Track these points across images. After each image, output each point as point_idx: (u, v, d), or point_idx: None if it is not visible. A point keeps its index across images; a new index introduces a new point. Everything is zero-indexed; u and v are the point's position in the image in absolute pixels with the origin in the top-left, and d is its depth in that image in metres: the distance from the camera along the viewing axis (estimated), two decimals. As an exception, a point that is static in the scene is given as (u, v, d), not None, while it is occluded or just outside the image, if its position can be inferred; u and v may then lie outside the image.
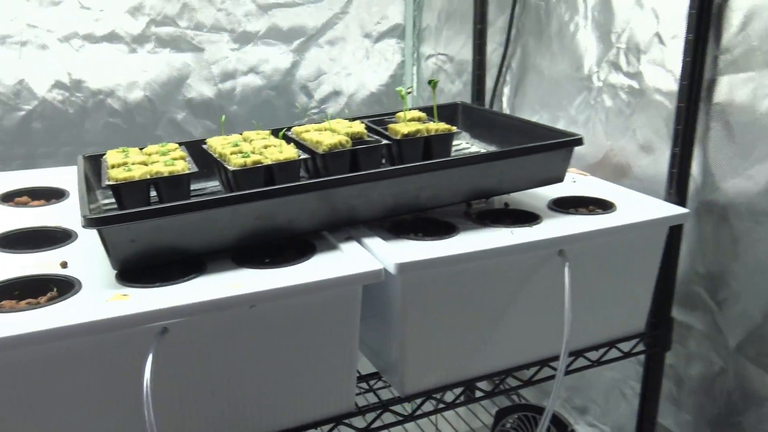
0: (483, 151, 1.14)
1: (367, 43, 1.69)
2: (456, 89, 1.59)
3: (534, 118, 1.34)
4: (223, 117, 1.01)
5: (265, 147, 0.92)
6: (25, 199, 1.00)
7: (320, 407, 0.80)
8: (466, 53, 1.49)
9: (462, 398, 0.91)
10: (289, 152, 0.89)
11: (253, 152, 0.90)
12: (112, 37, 1.43)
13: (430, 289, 0.81)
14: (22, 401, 0.64)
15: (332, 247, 0.82)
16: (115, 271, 0.74)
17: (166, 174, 0.82)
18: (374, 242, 0.81)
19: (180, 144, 0.98)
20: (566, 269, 0.85)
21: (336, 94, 1.69)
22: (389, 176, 0.84)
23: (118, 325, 0.64)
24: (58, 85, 1.40)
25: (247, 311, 0.70)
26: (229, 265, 0.77)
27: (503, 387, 0.97)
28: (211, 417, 0.74)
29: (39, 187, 1.05)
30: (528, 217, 0.95)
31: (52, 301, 0.69)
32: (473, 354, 0.89)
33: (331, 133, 0.96)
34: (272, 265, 0.77)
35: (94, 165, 0.97)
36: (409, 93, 1.03)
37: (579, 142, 0.96)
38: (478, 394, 0.95)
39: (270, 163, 0.86)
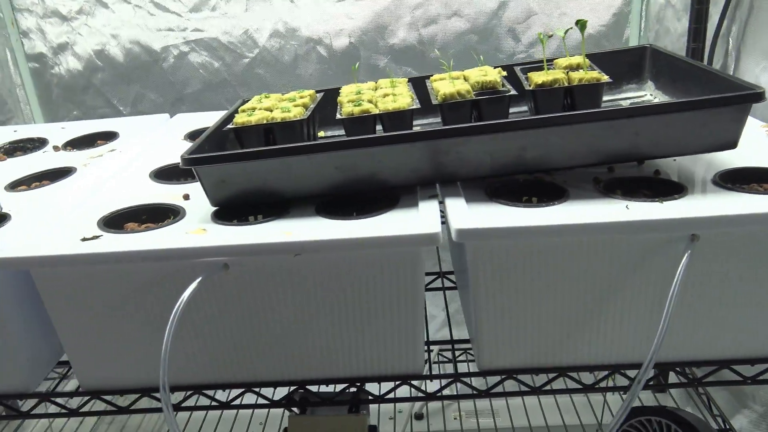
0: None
1: (586, -23, 1.50)
2: (681, 29, 1.33)
3: (761, 65, 1.06)
4: (356, 65, 1.01)
5: (384, 96, 0.91)
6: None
7: (386, 364, 0.79)
8: (697, -15, 1.23)
9: (552, 386, 0.81)
10: (402, 102, 0.86)
11: (370, 101, 0.89)
12: (322, -13, 1.52)
13: (503, 259, 0.72)
14: (105, 306, 0.76)
15: (412, 204, 0.78)
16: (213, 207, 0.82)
17: (279, 120, 0.87)
18: (454, 203, 0.75)
19: (319, 91, 1.02)
20: (685, 259, 0.68)
21: (546, 37, 1.55)
22: (475, 132, 0.76)
23: (184, 255, 0.71)
24: (275, 34, 1.55)
25: (298, 260, 0.72)
26: (310, 213, 0.79)
27: (607, 384, 0.82)
28: (276, 354, 0.79)
29: (226, 126, 1.20)
30: (672, 191, 0.78)
31: (159, 226, 0.79)
32: (568, 340, 0.77)
33: (453, 82, 0.90)
34: (343, 216, 0.77)
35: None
36: (549, 36, 0.90)
37: (758, 97, 0.74)
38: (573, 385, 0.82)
39: (377, 112, 0.85)
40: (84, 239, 0.75)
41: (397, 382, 0.80)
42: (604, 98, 0.89)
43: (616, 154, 0.79)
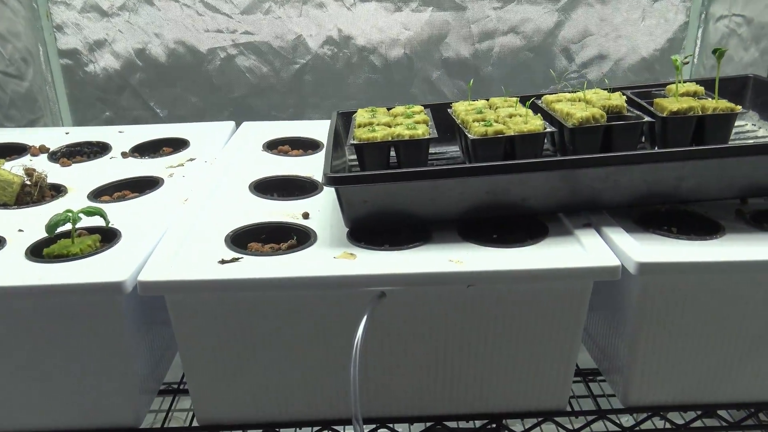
0: (773, 137, 0.94)
1: (644, 1, 1.50)
2: (749, 58, 1.34)
3: None
4: (471, 82, 0.97)
5: (510, 116, 0.87)
6: (286, 148, 1.10)
7: (530, 399, 0.75)
8: (770, 14, 1.24)
9: (698, 423, 0.78)
10: (534, 124, 0.82)
11: (496, 121, 0.85)
12: (380, -4, 1.48)
13: (674, 295, 0.70)
14: (247, 336, 0.70)
15: (567, 232, 0.75)
16: (346, 229, 0.77)
17: (406, 137, 0.82)
18: (616, 233, 0.72)
19: (426, 106, 0.98)
20: None
21: (601, 58, 1.54)
22: (645, 161, 0.73)
23: (342, 284, 0.66)
24: (329, 41, 1.50)
25: (465, 290, 0.68)
26: (454, 237, 0.75)
27: (753, 422, 0.81)
28: (415, 389, 0.74)
29: (300, 137, 1.14)
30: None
31: (290, 249, 0.74)
32: (719, 376, 0.75)
33: (584, 105, 0.87)
34: (498, 243, 0.73)
35: (346, 121, 1.01)
36: (686, 63, 0.88)
37: None
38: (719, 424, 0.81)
39: (512, 134, 0.81)
40: (223, 261, 0.69)
41: (540, 419, 0.76)
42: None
43: (764, 187, 0.77)
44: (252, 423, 0.75)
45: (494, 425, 0.76)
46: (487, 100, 0.97)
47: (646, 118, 0.84)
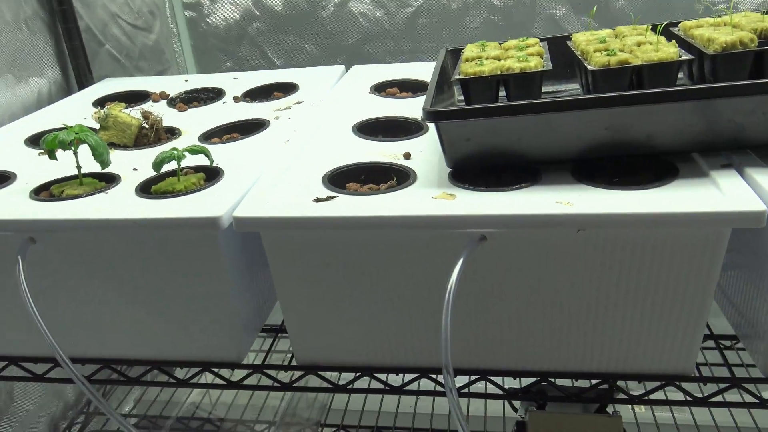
0: None
1: None
2: None
3: None
4: (594, 9, 0.87)
5: (639, 44, 0.77)
6: (394, 90, 1.06)
7: (651, 361, 0.68)
8: None
9: None
10: (667, 51, 0.72)
11: (621, 50, 0.76)
12: (500, -73, 1.37)
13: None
14: (343, 275, 0.68)
15: (701, 174, 0.65)
16: (449, 169, 0.72)
17: (516, 71, 0.75)
18: (762, 175, 0.62)
19: (542, 39, 0.89)
20: None
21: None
22: (802, 88, 0.61)
23: (438, 224, 0.62)
24: (444, -20, 1.42)
25: (575, 235, 0.61)
26: (568, 179, 0.68)
27: None
28: (518, 339, 0.69)
29: (409, 79, 1.10)
30: None
31: (389, 189, 0.70)
32: None
33: (730, 29, 0.75)
34: (618, 186, 0.65)
35: (455, 59, 0.95)
36: None
37: None
38: None
39: (639, 63, 0.71)
40: (318, 200, 0.67)
41: (661, 383, 0.68)
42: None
43: None
44: (348, 365, 0.74)
45: (607, 386, 0.70)
46: (613, 29, 0.86)
47: (809, 41, 0.70)
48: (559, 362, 0.70)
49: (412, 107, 0.96)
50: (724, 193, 0.60)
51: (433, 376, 0.72)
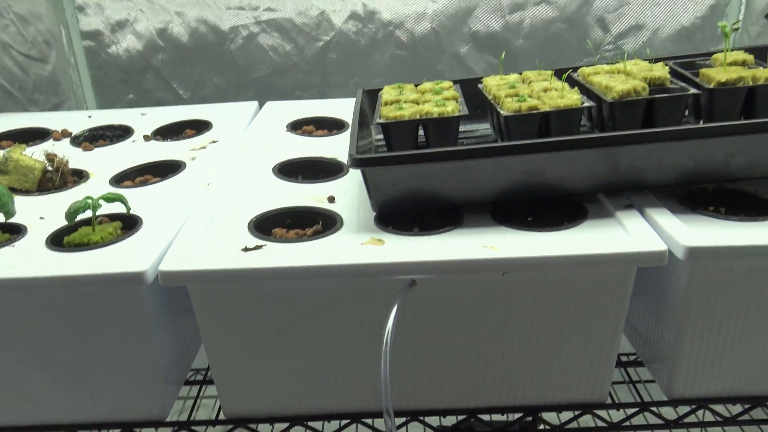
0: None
1: (685, -35, 1.43)
2: (800, 24, 1.26)
3: None
4: (503, 55, 0.92)
5: (545, 90, 0.82)
6: (310, 128, 1.06)
7: (568, 391, 0.72)
8: (824, -23, 1.16)
9: (745, 417, 0.74)
10: (571, 98, 0.78)
11: (530, 96, 0.81)
12: (405, -33, 1.42)
13: (724, 282, 0.65)
14: (272, 325, 0.67)
15: (607, 214, 0.70)
16: (374, 213, 0.73)
17: (435, 115, 0.78)
18: (661, 215, 0.68)
19: (455, 82, 0.93)
20: None
21: (637, 28, 1.47)
22: (693, 136, 0.68)
23: (370, 272, 0.63)
24: (353, 16, 1.45)
25: (500, 277, 0.64)
26: (487, 221, 0.71)
27: None
28: (446, 381, 0.71)
29: (325, 117, 1.11)
30: None
31: (316, 235, 0.71)
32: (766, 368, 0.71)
33: (624, 78, 0.82)
34: (534, 227, 0.69)
35: (372, 99, 0.97)
36: (735, 29, 0.82)
37: None
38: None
39: (547, 109, 0.76)
40: (246, 249, 0.67)
41: (578, 412, 0.73)
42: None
43: None
44: (279, 416, 0.73)
45: (530, 418, 0.73)
46: (520, 74, 0.92)
47: (692, 90, 0.78)
48: (486, 398, 0.73)
49: (330, 146, 0.97)
50: (630, 233, 0.65)
51: (367, 421, 0.73)
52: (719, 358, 0.70)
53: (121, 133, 1.08)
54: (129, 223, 0.74)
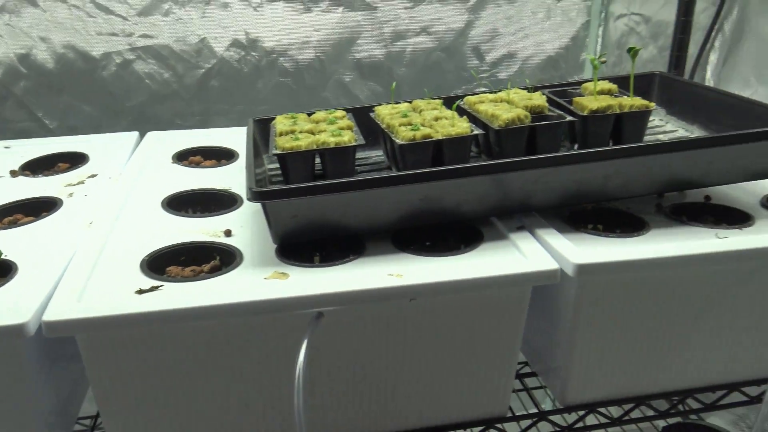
0: (683, 132, 0.98)
1: (549, 1, 1.54)
2: (648, 55, 1.40)
3: (747, 93, 1.14)
4: (394, 85, 0.94)
5: (436, 119, 0.85)
6: (197, 158, 1.03)
7: (471, 408, 0.74)
8: (666, 13, 1.30)
9: (631, 416, 0.80)
10: (461, 127, 0.81)
11: (423, 124, 0.83)
12: (288, -4, 1.42)
13: (610, 294, 0.70)
14: (172, 370, 0.64)
15: (501, 236, 0.74)
16: (274, 245, 0.72)
17: (332, 145, 0.78)
18: (550, 235, 0.72)
19: (347, 110, 0.94)
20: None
21: (510, 57, 1.57)
22: (574, 161, 0.73)
23: (276, 308, 0.61)
24: (235, 43, 1.43)
25: (406, 303, 0.65)
26: (389, 248, 0.72)
27: (682, 408, 0.84)
28: (358, 408, 0.71)
29: (212, 146, 1.08)
30: (735, 217, 0.80)
31: (214, 272, 0.68)
32: (650, 368, 0.77)
33: (507, 106, 0.86)
34: (434, 252, 0.71)
35: (263, 129, 0.96)
36: (603, 62, 0.90)
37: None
38: (651, 413, 0.83)
39: (440, 137, 0.79)
40: (141, 291, 0.63)
41: (482, 427, 0.75)
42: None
43: (686, 181, 0.80)
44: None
45: (437, 438, 0.74)
46: (410, 102, 0.95)
47: (569, 118, 0.84)
48: (397, 422, 0.73)
49: (221, 177, 0.94)
50: (524, 254, 0.69)
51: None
52: (607, 364, 0.75)
53: (-17, 168, 0.99)
54: (2, 270, 0.67)
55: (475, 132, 0.81)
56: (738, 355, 0.79)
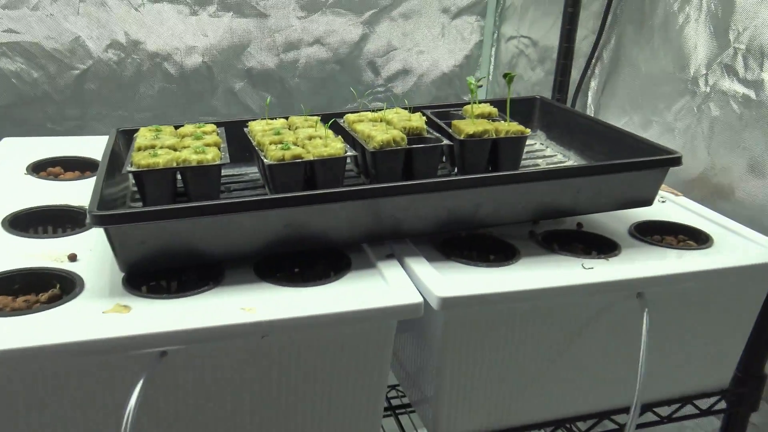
0: (561, 157, 1.00)
1: (444, 18, 1.55)
2: (536, 77, 1.43)
3: (622, 120, 1.18)
4: (268, 99, 0.90)
5: (310, 138, 0.81)
6: (57, 170, 0.94)
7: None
8: (553, 38, 1.33)
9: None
10: (335, 147, 0.78)
11: (295, 143, 0.80)
12: (173, -3, 1.35)
13: (478, 326, 0.69)
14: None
15: (369, 265, 0.71)
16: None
17: (194, 163, 0.73)
18: (418, 265, 0.70)
19: (219, 124, 0.89)
20: (645, 316, 0.71)
21: (405, 72, 1.56)
22: (443, 188, 0.72)
23: (110, 349, 0.55)
24: (115, 45, 1.34)
25: (259, 340, 0.60)
26: (250, 277, 0.68)
27: None
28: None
29: (77, 157, 0.99)
30: (604, 245, 0.81)
31: (49, 303, 0.61)
32: (521, 399, 0.77)
33: (384, 127, 0.84)
34: (297, 282, 0.67)
35: (128, 140, 0.89)
36: (480, 86, 0.89)
37: (677, 161, 0.81)
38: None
39: (311, 158, 0.76)
40: (-48, 329, 0.55)
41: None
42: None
43: (557, 209, 0.80)
44: None
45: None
46: (287, 118, 0.91)
47: (445, 141, 0.83)
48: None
49: (81, 192, 0.86)
50: (389, 285, 0.66)
51: None
52: (477, 395, 0.74)
53: None
54: None
55: (349, 153, 0.78)
56: (605, 383, 0.80)
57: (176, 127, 0.87)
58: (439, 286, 0.65)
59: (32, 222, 0.79)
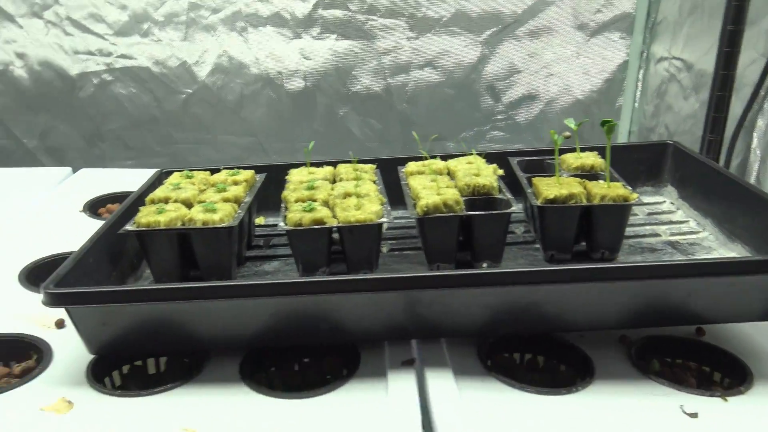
0: (692, 224, 0.76)
1: (580, 36, 1.32)
2: (689, 109, 1.15)
3: (798, 173, 0.89)
4: (311, 144, 0.76)
5: (346, 195, 0.68)
6: (116, 207, 0.90)
7: None
8: (712, 61, 1.06)
9: None
10: (368, 210, 0.63)
11: (326, 202, 0.66)
12: (276, 20, 1.29)
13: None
14: None
15: (379, 372, 0.56)
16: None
17: (199, 224, 0.63)
18: (438, 379, 0.53)
19: (258, 170, 0.78)
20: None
21: (530, 98, 1.36)
22: (480, 283, 0.54)
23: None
24: (219, 68, 1.31)
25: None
26: (230, 375, 0.55)
27: None
28: None
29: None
30: (730, 369, 0.58)
31: (24, 375, 0.55)
32: None
33: (442, 184, 0.68)
34: (280, 387, 0.54)
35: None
36: (567, 137, 0.69)
37: None
38: None
39: (336, 224, 0.62)
40: None
41: None
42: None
43: (650, 318, 0.58)
44: None
45: None
46: (335, 165, 0.78)
47: (513, 208, 0.65)
48: None
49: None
50: (389, 408, 0.51)
51: None
52: None
53: None
54: None
55: (383, 220, 0.63)
56: None
57: (212, 172, 0.78)
58: (449, 422, 0.48)
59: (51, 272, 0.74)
